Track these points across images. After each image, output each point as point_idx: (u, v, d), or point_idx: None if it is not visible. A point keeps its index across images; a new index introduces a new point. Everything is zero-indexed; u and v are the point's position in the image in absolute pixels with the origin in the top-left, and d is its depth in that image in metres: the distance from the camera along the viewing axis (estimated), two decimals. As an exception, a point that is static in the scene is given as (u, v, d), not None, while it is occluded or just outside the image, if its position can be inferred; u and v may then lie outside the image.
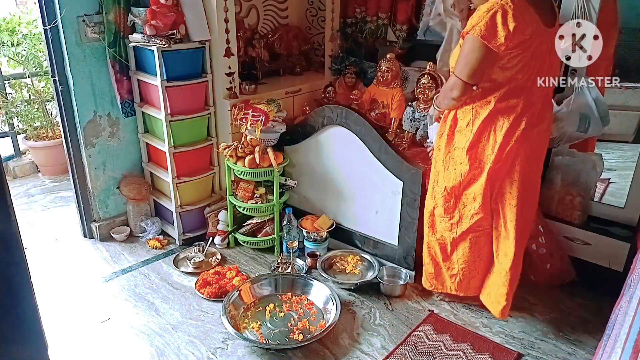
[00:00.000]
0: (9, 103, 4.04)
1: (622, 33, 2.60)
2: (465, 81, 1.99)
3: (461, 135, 2.18)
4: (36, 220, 3.44)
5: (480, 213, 2.20)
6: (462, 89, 2.02)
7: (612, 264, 2.52)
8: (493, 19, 1.89)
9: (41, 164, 4.20)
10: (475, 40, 1.92)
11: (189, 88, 2.84)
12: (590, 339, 2.32)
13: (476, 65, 1.95)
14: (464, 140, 2.16)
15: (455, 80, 2.03)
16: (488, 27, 1.89)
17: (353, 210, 2.86)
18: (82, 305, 2.56)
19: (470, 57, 1.95)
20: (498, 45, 1.89)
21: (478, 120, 2.10)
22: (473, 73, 1.97)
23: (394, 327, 2.41)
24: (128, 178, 3.15)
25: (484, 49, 1.92)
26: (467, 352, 2.22)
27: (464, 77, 1.99)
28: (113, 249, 3.07)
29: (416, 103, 3.05)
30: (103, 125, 2.99)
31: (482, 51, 1.92)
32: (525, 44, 1.93)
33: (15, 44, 4.00)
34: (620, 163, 2.80)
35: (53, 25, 2.67)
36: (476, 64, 1.95)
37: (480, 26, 1.90)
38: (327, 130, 2.81)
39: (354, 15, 3.64)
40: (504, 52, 1.92)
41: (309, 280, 2.61)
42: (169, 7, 2.68)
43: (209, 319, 2.45)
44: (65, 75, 2.81)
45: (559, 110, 2.47)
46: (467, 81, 1.99)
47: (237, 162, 2.86)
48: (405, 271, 2.67)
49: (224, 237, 3.06)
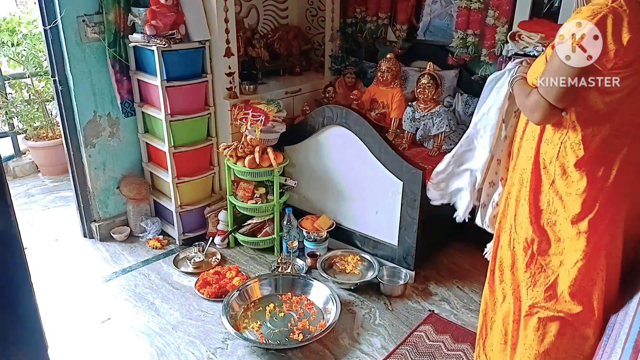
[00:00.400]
0: (9, 103, 4.04)
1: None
2: (553, 104, 1.50)
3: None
4: (36, 220, 3.44)
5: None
6: (546, 113, 1.53)
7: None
8: (602, 24, 1.37)
9: (41, 164, 4.20)
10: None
11: (189, 88, 2.84)
12: (590, 339, 2.31)
13: (569, 82, 1.45)
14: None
15: (539, 100, 1.53)
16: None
17: (353, 210, 2.86)
18: (82, 305, 2.56)
19: (561, 73, 1.45)
20: (604, 62, 1.39)
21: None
22: (564, 94, 1.47)
23: (394, 327, 2.41)
24: (128, 178, 3.15)
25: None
26: (467, 352, 2.22)
27: (551, 98, 1.50)
28: (113, 249, 3.07)
29: (416, 103, 3.05)
30: (103, 125, 2.99)
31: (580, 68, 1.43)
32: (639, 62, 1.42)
33: (15, 44, 3.99)
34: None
35: (53, 25, 2.67)
36: (569, 81, 1.45)
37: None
38: (327, 130, 2.81)
39: (354, 15, 3.64)
40: (610, 72, 1.42)
41: (309, 280, 2.61)
42: (169, 7, 2.68)
43: (209, 319, 2.45)
44: (65, 75, 2.81)
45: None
46: (555, 104, 1.50)
47: (237, 162, 2.86)
48: (405, 271, 2.67)
49: (224, 237, 3.06)
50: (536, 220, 1.65)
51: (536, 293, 1.65)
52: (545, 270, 1.65)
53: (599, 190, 1.51)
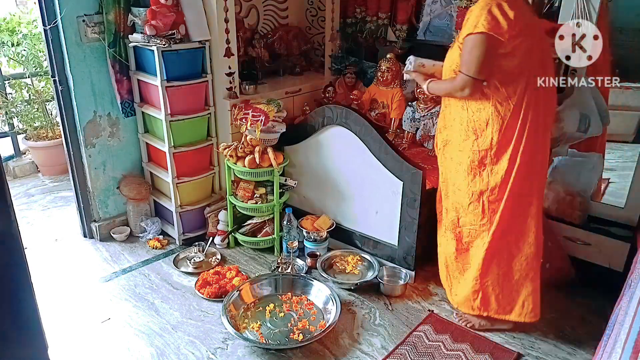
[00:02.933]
0: (9, 103, 4.04)
1: (622, 33, 2.60)
2: (475, 77, 2.01)
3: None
4: (36, 220, 3.44)
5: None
6: (472, 86, 2.03)
7: (612, 264, 2.52)
8: (491, 13, 1.93)
9: (41, 164, 4.20)
10: (479, 36, 1.95)
11: (189, 88, 2.84)
12: (590, 339, 2.31)
13: (482, 59, 1.97)
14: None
15: (464, 78, 2.03)
16: (489, 20, 1.92)
17: (353, 210, 2.86)
18: (82, 305, 2.56)
19: (475, 53, 1.98)
20: (503, 33, 1.93)
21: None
22: (481, 68, 1.99)
23: (393, 327, 2.41)
24: (128, 178, 3.15)
25: (488, 41, 1.94)
26: (466, 352, 2.22)
27: (472, 73, 2.01)
28: (113, 249, 3.07)
29: (416, 103, 3.05)
30: (103, 125, 2.99)
31: (486, 44, 1.95)
32: (526, 30, 1.98)
33: (15, 44, 4.00)
34: (620, 163, 2.80)
35: (53, 25, 2.67)
36: (482, 57, 1.97)
37: (482, 22, 1.93)
38: (327, 130, 2.81)
39: (354, 15, 3.64)
40: (509, 40, 1.94)
41: (309, 280, 2.61)
42: (169, 7, 2.68)
43: (209, 319, 2.45)
44: (65, 75, 2.81)
45: (559, 111, 2.47)
46: (477, 77, 2.01)
47: (237, 162, 2.86)
48: (405, 271, 2.67)
49: (224, 237, 3.06)
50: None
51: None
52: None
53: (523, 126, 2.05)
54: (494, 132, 2.07)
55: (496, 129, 2.06)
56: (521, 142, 2.05)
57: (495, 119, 2.05)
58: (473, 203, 2.19)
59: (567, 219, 2.66)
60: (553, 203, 2.69)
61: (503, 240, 2.18)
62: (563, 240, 2.64)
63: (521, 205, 2.14)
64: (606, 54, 2.27)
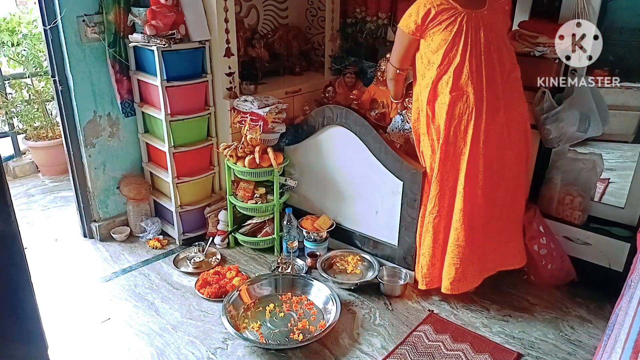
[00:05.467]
0: (9, 103, 4.04)
1: (622, 33, 2.60)
2: (395, 66, 2.42)
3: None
4: (36, 220, 3.44)
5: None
6: (394, 74, 2.47)
7: (612, 264, 2.52)
8: (410, 9, 2.26)
9: (41, 164, 4.20)
10: (398, 30, 2.32)
11: (188, 88, 2.84)
12: (590, 339, 2.32)
13: (401, 51, 2.34)
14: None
15: (389, 67, 2.49)
16: (405, 16, 2.27)
17: (353, 210, 2.86)
18: (82, 305, 2.56)
19: (395, 45, 2.37)
20: (409, 25, 2.25)
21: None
22: (400, 58, 2.38)
23: (393, 327, 2.41)
24: (128, 178, 3.15)
25: (402, 35, 2.30)
26: (466, 352, 2.22)
27: (393, 62, 2.42)
28: (113, 249, 3.07)
29: (405, 112, 2.90)
30: (103, 125, 2.99)
31: (402, 37, 2.31)
32: (443, 23, 2.18)
33: (15, 44, 3.99)
34: (620, 163, 2.80)
35: (53, 25, 2.67)
36: (401, 50, 2.34)
37: (404, 17, 2.27)
38: (327, 130, 2.81)
39: (354, 15, 3.64)
40: (420, 34, 2.24)
41: (309, 280, 2.61)
42: (169, 7, 2.68)
43: (209, 319, 2.45)
44: (65, 75, 2.81)
45: (559, 111, 2.47)
46: (396, 66, 2.42)
47: (237, 162, 2.86)
48: (405, 271, 2.67)
49: (224, 237, 3.06)
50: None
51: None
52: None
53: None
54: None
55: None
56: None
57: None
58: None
59: (567, 219, 2.67)
60: (553, 203, 2.69)
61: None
62: (563, 241, 2.64)
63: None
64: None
